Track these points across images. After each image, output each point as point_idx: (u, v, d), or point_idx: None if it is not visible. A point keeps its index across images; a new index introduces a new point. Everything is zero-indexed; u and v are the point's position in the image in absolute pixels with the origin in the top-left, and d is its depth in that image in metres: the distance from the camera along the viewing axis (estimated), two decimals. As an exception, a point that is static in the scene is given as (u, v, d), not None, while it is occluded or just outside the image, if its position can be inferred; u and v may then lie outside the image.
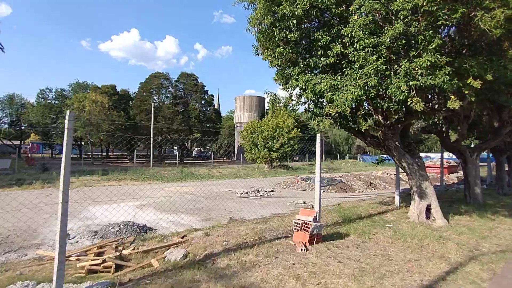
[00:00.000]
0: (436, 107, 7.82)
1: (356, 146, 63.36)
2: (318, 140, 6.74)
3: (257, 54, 6.89)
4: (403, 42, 5.27)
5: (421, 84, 5.09)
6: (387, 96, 5.53)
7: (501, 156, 12.16)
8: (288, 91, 7.13)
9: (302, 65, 6.47)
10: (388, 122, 6.68)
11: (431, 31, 5.03)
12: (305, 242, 5.30)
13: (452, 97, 5.25)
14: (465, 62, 5.45)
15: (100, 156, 53.38)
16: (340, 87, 5.69)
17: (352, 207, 9.57)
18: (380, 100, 5.69)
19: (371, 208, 9.25)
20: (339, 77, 5.82)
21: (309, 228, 5.28)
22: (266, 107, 44.94)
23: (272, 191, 13.25)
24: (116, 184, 15.17)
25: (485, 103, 8.44)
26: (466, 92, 5.79)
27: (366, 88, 5.27)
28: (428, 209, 7.42)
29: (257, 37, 6.57)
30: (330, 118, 6.26)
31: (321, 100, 6.04)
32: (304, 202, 10.34)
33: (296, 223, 5.50)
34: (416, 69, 5.14)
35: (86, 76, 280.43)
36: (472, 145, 11.82)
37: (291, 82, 6.35)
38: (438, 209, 7.24)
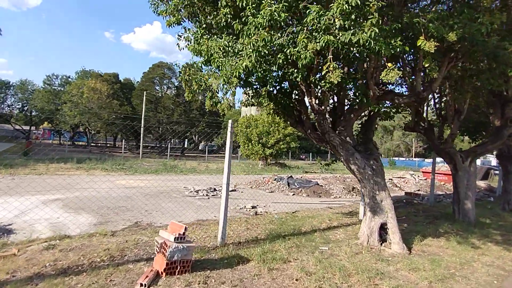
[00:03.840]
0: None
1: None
2: (229, 128, 5.04)
3: (158, 14, 5.20)
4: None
5: (338, 41, 3.27)
6: (292, 60, 3.72)
7: (509, 164, 9.86)
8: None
9: (205, 24, 4.77)
10: (323, 108, 4.84)
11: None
12: (161, 272, 3.64)
13: (389, 64, 3.39)
14: (417, 16, 3.56)
15: (106, 145, 53.28)
16: (237, 50, 3.97)
17: (306, 216, 7.78)
18: (292, 69, 3.90)
19: (328, 220, 7.42)
20: (241, 38, 4.08)
21: (166, 251, 3.61)
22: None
23: (233, 190, 11.55)
24: (74, 174, 13.94)
25: (479, 92, 6.37)
26: (427, 66, 3.92)
27: (260, 49, 3.51)
28: (384, 228, 5.54)
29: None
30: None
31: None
32: (253, 207, 8.60)
33: (157, 242, 3.83)
34: (336, 19, 3.32)
35: (106, 66, 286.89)
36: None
37: (192, 46, 4.66)
38: (395, 230, 5.34)
